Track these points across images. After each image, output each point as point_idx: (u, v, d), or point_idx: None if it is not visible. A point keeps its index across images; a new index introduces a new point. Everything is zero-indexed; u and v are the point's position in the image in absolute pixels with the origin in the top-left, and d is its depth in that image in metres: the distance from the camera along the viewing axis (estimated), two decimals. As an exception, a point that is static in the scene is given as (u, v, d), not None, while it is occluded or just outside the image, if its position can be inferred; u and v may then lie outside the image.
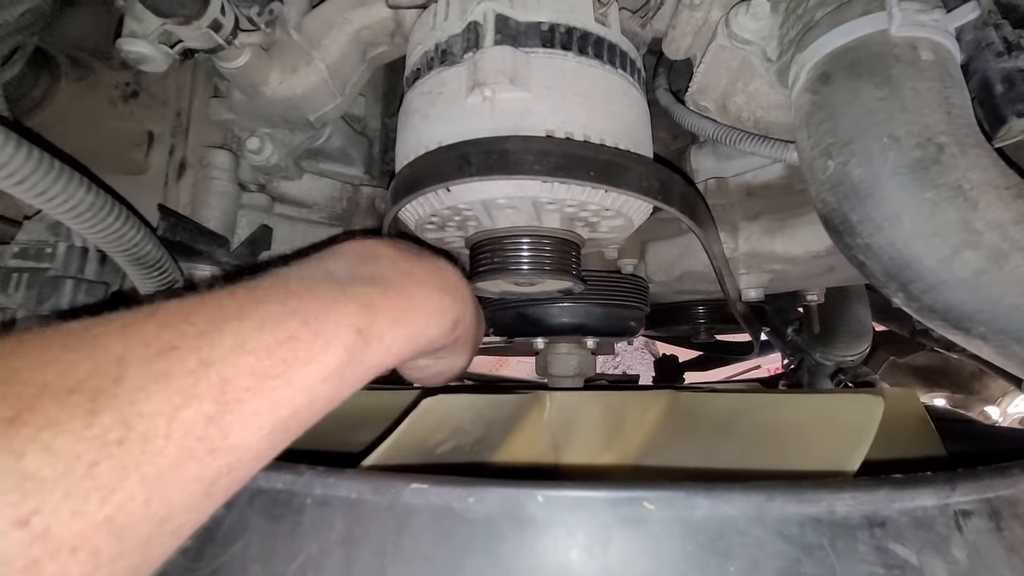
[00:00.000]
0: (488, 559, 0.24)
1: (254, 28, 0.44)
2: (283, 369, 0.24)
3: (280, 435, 0.24)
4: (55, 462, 0.18)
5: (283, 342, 0.24)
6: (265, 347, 0.23)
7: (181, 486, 0.20)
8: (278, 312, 0.25)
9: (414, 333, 0.31)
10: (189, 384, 0.21)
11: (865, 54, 0.33)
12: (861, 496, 0.25)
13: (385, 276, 0.31)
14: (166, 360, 0.21)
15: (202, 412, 0.21)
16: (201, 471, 0.21)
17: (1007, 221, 0.28)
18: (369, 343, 0.28)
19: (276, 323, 0.25)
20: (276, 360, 0.24)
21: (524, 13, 0.40)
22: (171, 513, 0.20)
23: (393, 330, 0.29)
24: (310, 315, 0.26)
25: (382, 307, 0.29)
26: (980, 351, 0.32)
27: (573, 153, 0.37)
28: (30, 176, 0.30)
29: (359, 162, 0.66)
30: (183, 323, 0.23)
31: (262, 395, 0.23)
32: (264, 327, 0.24)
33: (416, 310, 0.31)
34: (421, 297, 0.32)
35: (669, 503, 0.24)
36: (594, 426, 0.48)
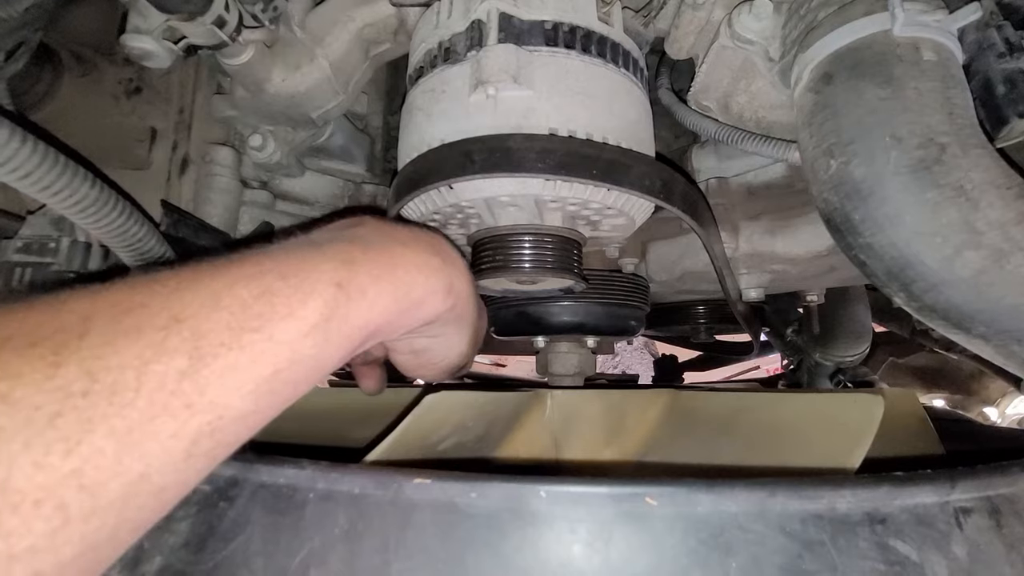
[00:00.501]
0: (490, 554, 0.25)
1: (258, 25, 0.44)
2: (260, 324, 0.23)
3: (265, 396, 0.23)
4: (13, 412, 0.17)
5: (259, 296, 0.23)
6: (240, 302, 0.23)
7: (157, 442, 0.20)
8: (253, 270, 0.24)
9: (399, 290, 0.29)
10: (159, 339, 0.20)
11: (868, 54, 0.33)
12: (862, 493, 0.25)
13: (366, 236, 0.30)
14: (135, 316, 0.21)
15: (174, 366, 0.20)
16: (177, 427, 0.20)
17: (1008, 221, 0.28)
18: (351, 297, 0.27)
19: (251, 279, 0.24)
20: (251, 315, 0.23)
21: (528, 11, 0.40)
22: (148, 471, 0.20)
23: (376, 285, 0.28)
24: (287, 270, 0.25)
25: (362, 261, 0.28)
26: (981, 351, 0.32)
27: (576, 151, 0.37)
28: (35, 170, 0.30)
29: (361, 160, 0.66)
30: (154, 284, 0.22)
31: (239, 350, 0.22)
32: (238, 283, 0.23)
33: (399, 266, 0.30)
34: (405, 254, 0.31)
35: (671, 499, 0.24)
36: (594, 424, 0.48)
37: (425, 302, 0.32)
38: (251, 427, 0.23)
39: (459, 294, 0.34)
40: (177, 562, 0.29)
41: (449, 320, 0.35)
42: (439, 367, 0.39)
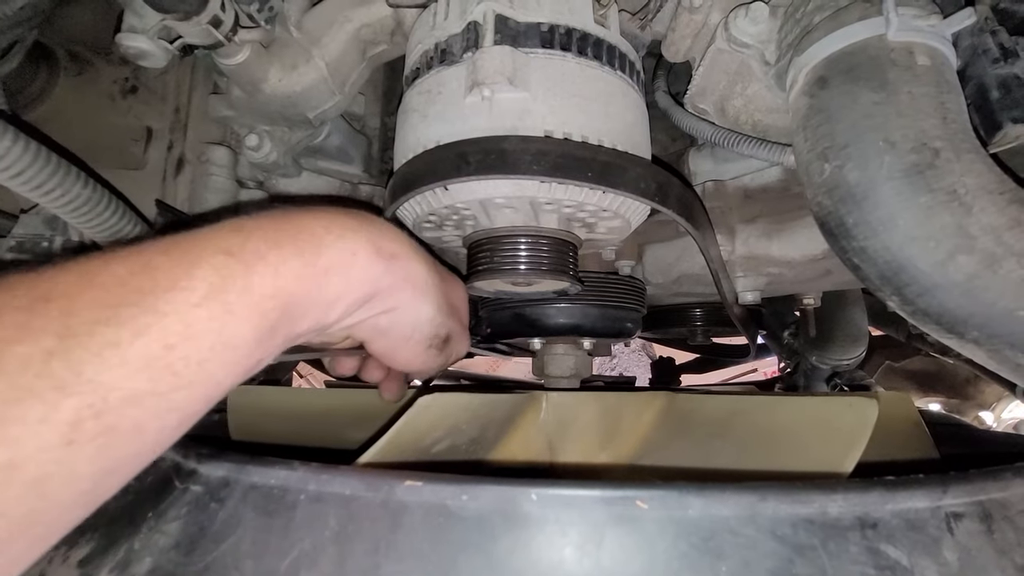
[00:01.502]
0: (481, 557, 0.24)
1: (254, 25, 0.44)
2: (140, 297, 0.22)
3: (163, 374, 0.22)
4: None
5: (138, 272, 0.22)
6: (116, 278, 0.22)
7: (25, 428, 0.19)
8: (133, 249, 0.23)
9: (307, 252, 0.27)
10: (23, 319, 0.20)
11: (862, 58, 0.33)
12: (853, 497, 0.25)
13: (261, 213, 0.28)
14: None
15: (40, 347, 0.19)
16: (47, 411, 0.19)
17: (1001, 226, 0.28)
18: (248, 264, 0.25)
19: (129, 256, 0.23)
20: (130, 289, 0.22)
21: (524, 14, 0.40)
22: (21, 460, 0.19)
23: (277, 250, 0.26)
24: (169, 246, 0.24)
25: (253, 228, 0.26)
26: (974, 355, 0.32)
27: (571, 154, 0.37)
28: (27, 169, 0.30)
29: (358, 161, 0.66)
30: (25, 272, 0.21)
31: (118, 325, 0.21)
32: (114, 261, 0.22)
33: (302, 229, 0.28)
34: (305, 217, 0.28)
35: (662, 502, 0.24)
36: (590, 427, 0.48)
37: (346, 267, 0.29)
38: (152, 409, 0.22)
39: (394, 255, 0.32)
40: (167, 563, 0.29)
41: (395, 287, 0.33)
42: (415, 341, 0.36)
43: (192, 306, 0.23)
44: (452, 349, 0.40)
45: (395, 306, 0.34)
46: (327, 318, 0.30)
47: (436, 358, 0.38)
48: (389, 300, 0.33)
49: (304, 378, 1.78)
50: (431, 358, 0.38)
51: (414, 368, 0.39)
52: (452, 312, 0.39)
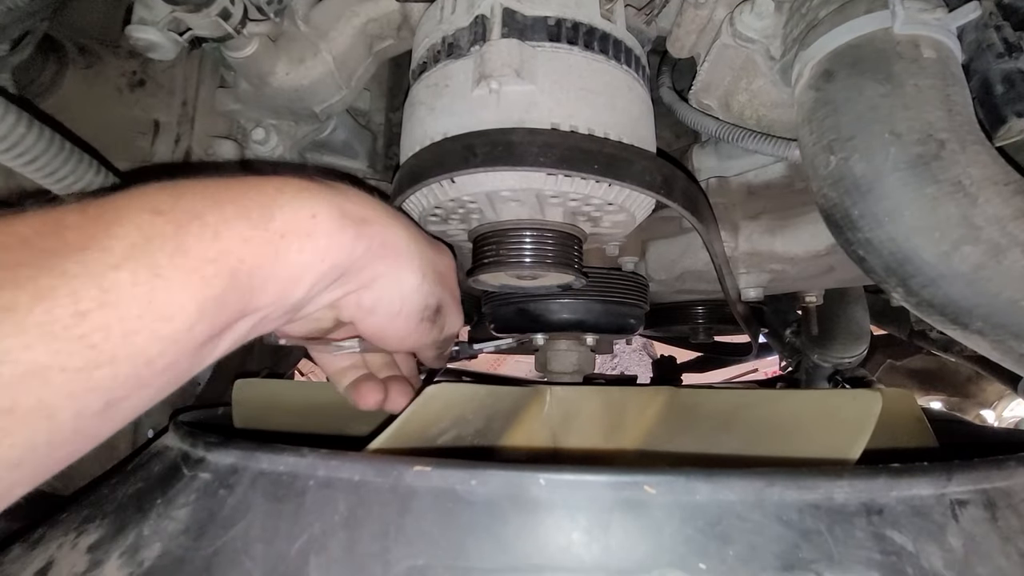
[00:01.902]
0: (490, 541, 0.25)
1: (263, 18, 0.45)
2: (44, 258, 0.19)
3: (73, 344, 0.19)
4: None
5: (46, 231, 0.20)
6: (18, 238, 0.20)
7: None
8: (45, 208, 0.21)
9: (254, 213, 0.25)
10: None
11: (868, 51, 0.33)
12: (859, 484, 0.25)
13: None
14: None
15: None
16: None
17: (1006, 216, 0.28)
18: (180, 223, 0.22)
19: (37, 215, 0.20)
20: (34, 250, 0.19)
21: (531, 7, 0.41)
22: None
23: (217, 210, 0.23)
24: (87, 203, 0.21)
25: (190, 186, 0.24)
26: (978, 347, 0.32)
27: (577, 146, 0.38)
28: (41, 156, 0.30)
29: (363, 156, 0.66)
30: None
31: (15, 288, 0.19)
32: (19, 220, 0.20)
33: (251, 189, 0.25)
34: (255, 180, 0.26)
35: (669, 487, 0.24)
36: (594, 420, 0.48)
37: (306, 232, 0.26)
38: (73, 390, 0.20)
39: (364, 220, 0.29)
40: (177, 548, 0.29)
41: (371, 254, 0.30)
42: (405, 315, 0.34)
43: (109, 267, 0.20)
44: (445, 320, 0.37)
45: (375, 277, 0.31)
46: (293, 292, 0.27)
47: (430, 331, 0.36)
48: (367, 272, 0.30)
49: (306, 376, 1.78)
50: (425, 331, 0.36)
51: (409, 345, 0.36)
52: (440, 279, 0.36)
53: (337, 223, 0.27)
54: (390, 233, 0.31)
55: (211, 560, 0.27)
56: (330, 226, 0.27)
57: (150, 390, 0.23)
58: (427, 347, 0.39)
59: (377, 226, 0.30)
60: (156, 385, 0.23)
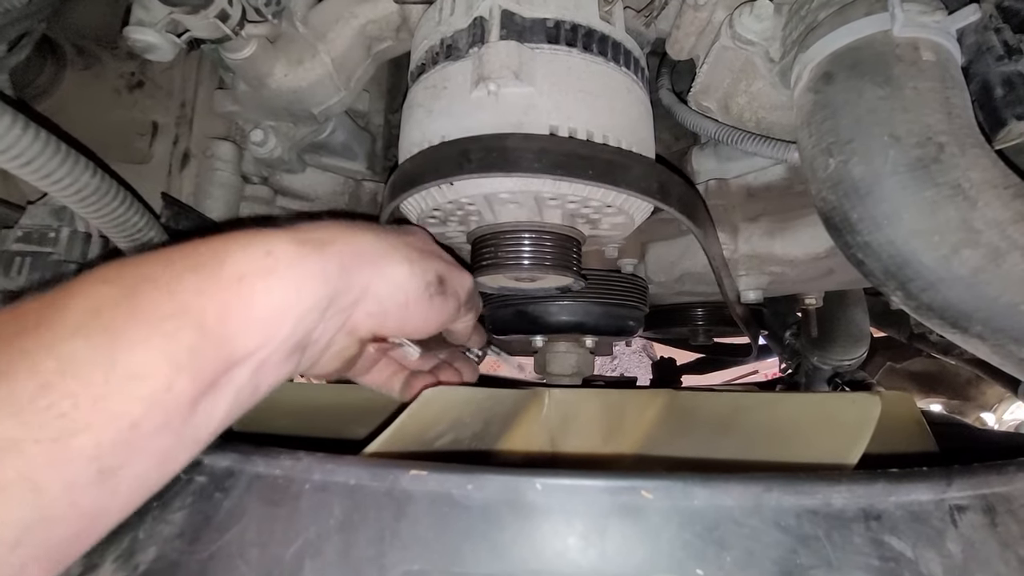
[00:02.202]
0: (486, 546, 0.25)
1: (261, 19, 0.45)
2: (4, 344, 0.21)
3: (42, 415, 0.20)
4: None
5: (7, 321, 0.22)
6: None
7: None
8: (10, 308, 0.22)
9: (207, 267, 0.25)
10: None
11: (867, 54, 0.33)
12: (857, 489, 0.25)
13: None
14: None
15: None
16: None
17: (1005, 220, 0.28)
18: (130, 287, 0.23)
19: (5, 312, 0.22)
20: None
21: (530, 9, 0.41)
22: None
23: (167, 268, 0.24)
24: (43, 295, 0.23)
25: (133, 259, 0.25)
26: (977, 350, 0.32)
27: (573, 151, 0.38)
28: (37, 158, 0.30)
29: (362, 157, 0.66)
30: None
31: None
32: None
33: (201, 245, 0.26)
34: (210, 238, 0.26)
35: (667, 492, 0.24)
36: (592, 422, 0.48)
37: (266, 270, 0.26)
38: (54, 460, 0.20)
39: (324, 241, 0.29)
40: (172, 552, 0.29)
41: (349, 270, 0.30)
42: (414, 301, 0.34)
43: (63, 338, 0.21)
44: (454, 285, 0.38)
45: (365, 286, 0.31)
46: (279, 331, 0.27)
47: (447, 302, 0.36)
48: (354, 285, 0.31)
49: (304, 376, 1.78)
50: (444, 305, 0.36)
51: (436, 325, 0.37)
52: (425, 255, 0.36)
53: (295, 254, 0.27)
54: (357, 242, 0.31)
55: (206, 564, 0.27)
56: (290, 258, 0.27)
57: (149, 455, 0.23)
58: (458, 320, 0.39)
59: (340, 243, 0.30)
60: (154, 449, 0.23)
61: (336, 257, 0.29)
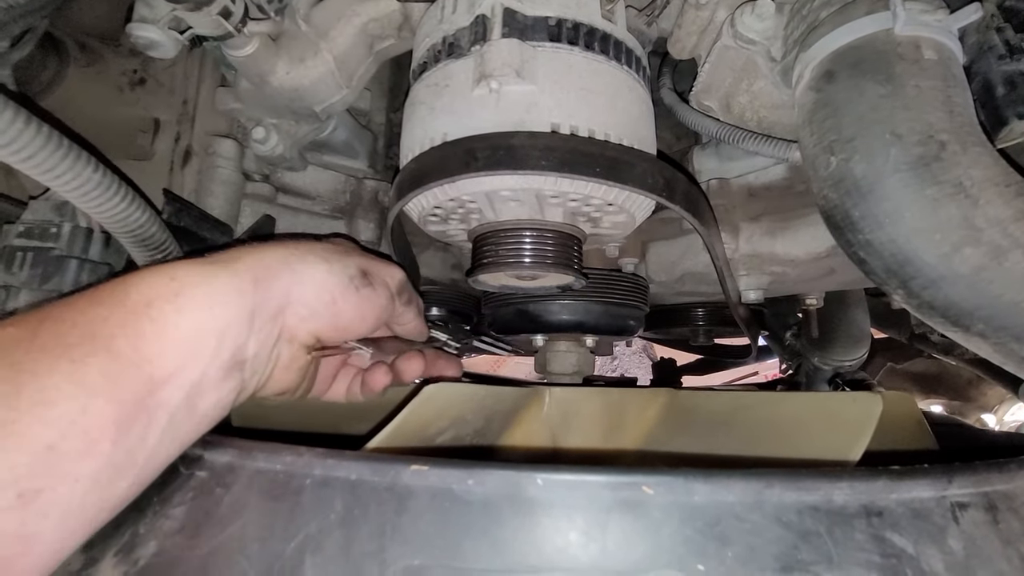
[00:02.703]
0: (487, 541, 0.25)
1: (263, 17, 0.45)
2: None
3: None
4: None
5: None
6: None
7: None
8: None
9: (112, 298, 0.26)
10: None
11: (869, 52, 0.33)
12: (859, 486, 0.25)
13: None
14: None
15: None
16: None
17: (1007, 218, 0.28)
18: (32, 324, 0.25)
19: None
20: None
21: (532, 7, 0.41)
22: None
23: (70, 307, 0.25)
24: None
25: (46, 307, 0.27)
26: (979, 349, 0.32)
27: (578, 149, 0.38)
28: (38, 152, 0.30)
29: (363, 155, 0.66)
30: None
31: None
32: None
33: (104, 287, 0.27)
34: (109, 281, 0.27)
35: (668, 488, 0.24)
36: (593, 421, 0.48)
37: (172, 293, 0.27)
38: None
39: (233, 259, 0.30)
40: (172, 547, 0.29)
41: (265, 282, 0.31)
42: (341, 295, 0.34)
43: None
44: (381, 276, 0.38)
45: (286, 293, 0.32)
46: (204, 349, 0.28)
47: (375, 293, 0.37)
48: (275, 296, 0.31)
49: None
50: (371, 296, 0.36)
51: (372, 317, 0.37)
52: (346, 253, 0.37)
53: (201, 274, 0.28)
54: (266, 256, 0.32)
55: (207, 559, 0.27)
56: (195, 280, 0.28)
57: (76, 479, 0.24)
58: (398, 313, 0.40)
59: (248, 258, 0.31)
60: (81, 473, 0.24)
61: (247, 271, 0.30)
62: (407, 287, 0.42)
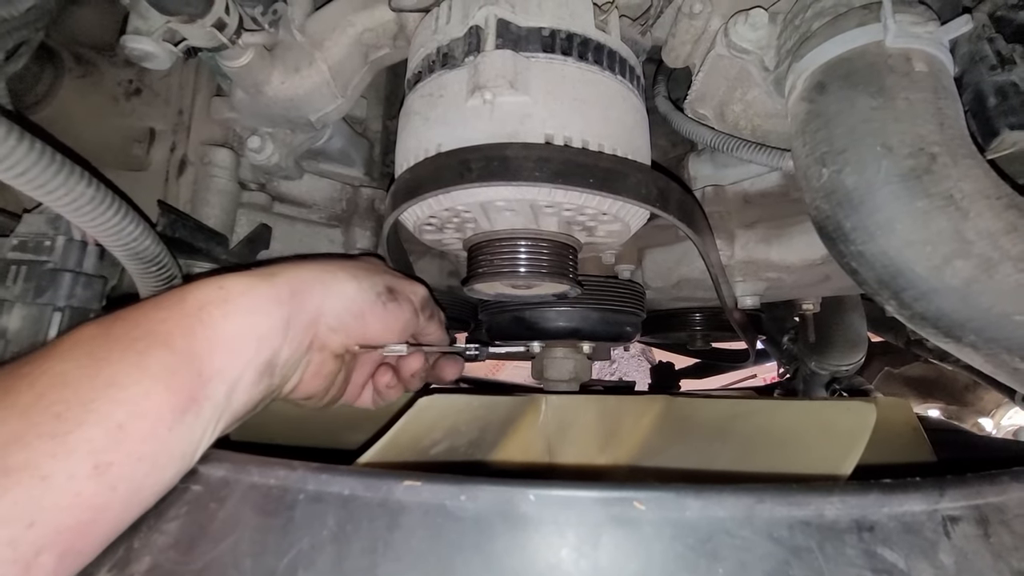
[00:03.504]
0: (479, 557, 0.25)
1: (258, 28, 0.45)
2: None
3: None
4: None
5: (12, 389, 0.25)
6: None
7: None
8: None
9: (165, 302, 0.30)
10: None
11: (860, 64, 0.33)
12: (850, 500, 0.25)
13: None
14: None
15: None
16: None
17: (997, 231, 0.28)
18: (106, 324, 0.28)
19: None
20: None
21: (525, 18, 0.41)
22: None
23: (137, 310, 0.29)
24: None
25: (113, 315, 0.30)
26: (971, 360, 0.32)
27: (572, 160, 0.38)
28: (31, 168, 0.30)
29: (359, 163, 0.66)
30: None
31: None
32: None
33: (161, 295, 0.30)
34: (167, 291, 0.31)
35: (659, 504, 0.24)
36: (589, 430, 0.48)
37: (222, 299, 0.30)
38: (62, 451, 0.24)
39: (273, 273, 0.33)
40: (166, 562, 0.29)
41: (300, 296, 0.34)
42: (369, 309, 0.38)
43: (53, 364, 0.26)
44: (406, 292, 0.42)
45: (318, 305, 0.35)
46: (244, 350, 0.30)
47: (400, 308, 0.40)
48: (308, 308, 0.34)
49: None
50: (396, 310, 0.40)
51: (398, 329, 0.40)
52: (371, 273, 0.40)
53: (246, 285, 0.32)
54: (302, 271, 0.35)
55: (200, 574, 0.27)
56: (241, 289, 0.31)
57: (139, 458, 0.27)
58: (421, 325, 0.43)
59: (287, 273, 0.34)
60: (143, 453, 0.27)
61: (285, 284, 0.34)
62: (430, 303, 0.45)
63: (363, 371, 0.44)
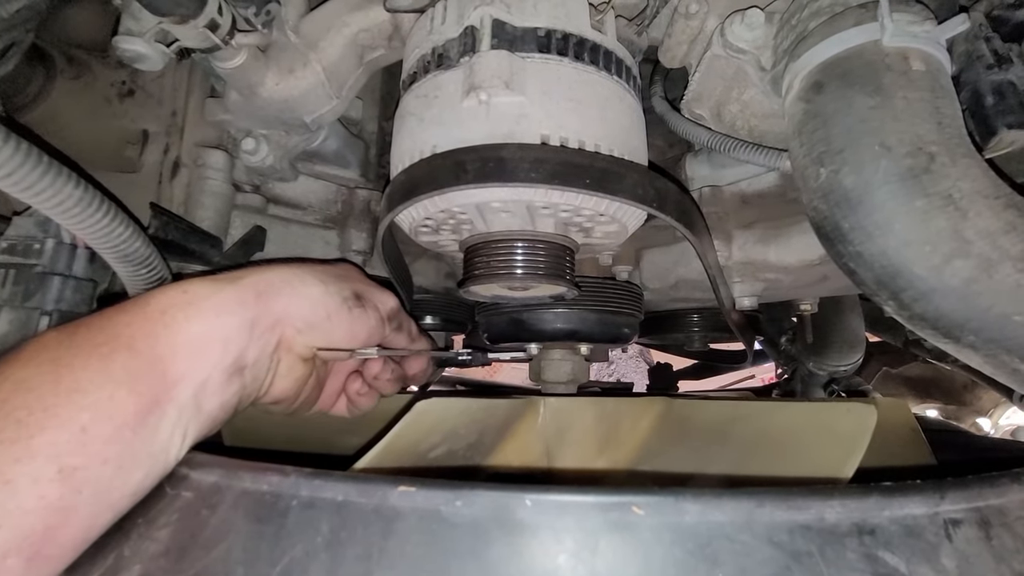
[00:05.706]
0: (475, 564, 0.24)
1: (251, 29, 0.44)
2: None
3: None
4: None
5: None
6: None
7: None
8: None
9: (129, 307, 0.30)
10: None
11: (857, 64, 0.33)
12: (850, 504, 0.24)
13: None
14: None
15: None
16: None
17: (997, 230, 0.28)
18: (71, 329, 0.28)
19: None
20: None
21: (521, 19, 0.40)
22: None
23: (100, 316, 0.29)
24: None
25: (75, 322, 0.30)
26: (970, 360, 0.32)
27: (568, 161, 0.37)
28: (17, 170, 0.29)
29: (355, 165, 0.66)
30: None
31: None
32: None
33: (126, 301, 0.31)
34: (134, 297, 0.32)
35: (658, 508, 0.24)
36: (587, 432, 0.47)
37: (186, 303, 0.31)
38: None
39: (239, 277, 0.34)
40: (157, 570, 0.28)
41: (265, 298, 0.34)
42: (335, 313, 0.38)
43: (15, 370, 0.26)
44: (376, 301, 0.42)
45: (284, 308, 0.35)
46: (209, 353, 0.31)
47: (366, 314, 0.40)
48: (274, 310, 0.34)
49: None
50: (362, 317, 0.40)
51: (363, 335, 0.40)
52: (341, 278, 0.40)
53: (210, 288, 0.32)
54: (268, 274, 0.36)
55: (192, 583, 0.27)
56: (205, 292, 0.32)
57: (104, 461, 0.27)
58: (388, 335, 0.44)
59: (252, 276, 0.34)
60: (108, 455, 0.27)
61: (250, 286, 0.34)
62: (399, 314, 0.45)
63: (337, 378, 0.44)
